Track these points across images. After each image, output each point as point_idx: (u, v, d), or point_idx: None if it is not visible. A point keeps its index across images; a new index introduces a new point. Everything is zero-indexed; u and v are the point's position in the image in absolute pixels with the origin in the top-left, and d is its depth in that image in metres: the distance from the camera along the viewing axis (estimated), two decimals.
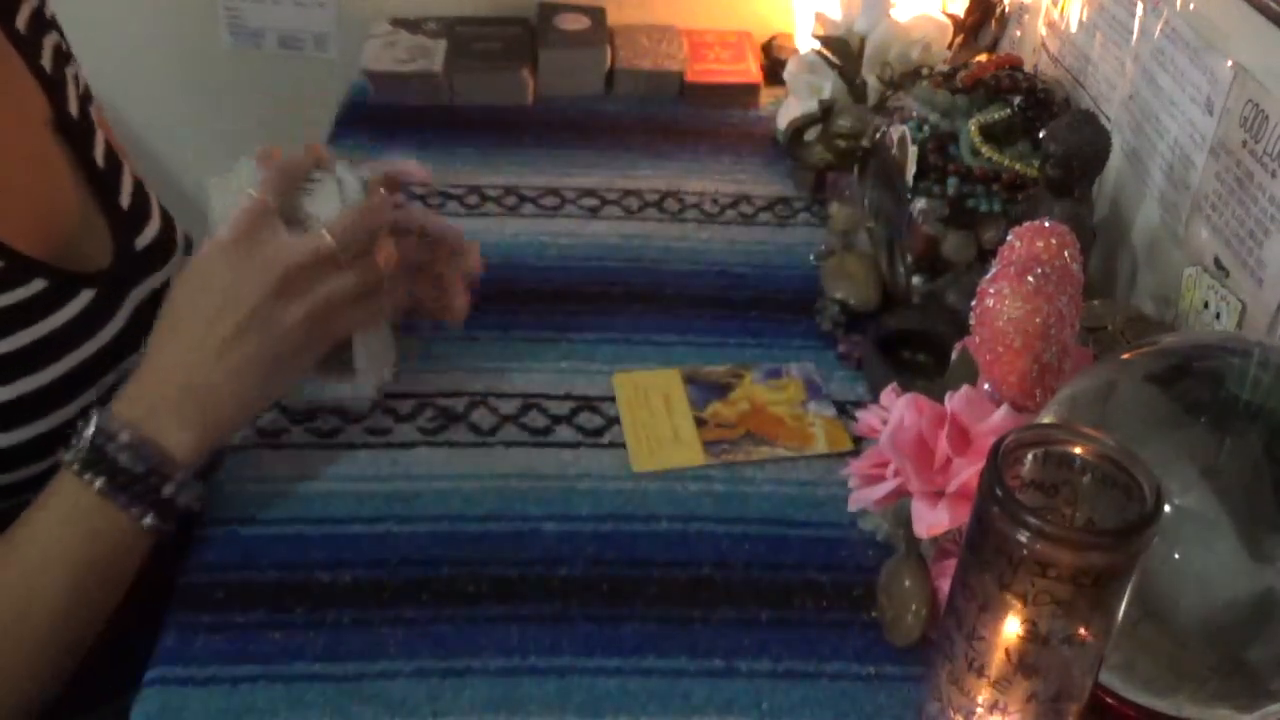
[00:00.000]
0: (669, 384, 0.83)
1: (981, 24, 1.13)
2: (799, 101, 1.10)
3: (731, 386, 0.83)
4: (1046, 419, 0.59)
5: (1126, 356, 0.61)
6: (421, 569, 0.68)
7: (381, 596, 0.66)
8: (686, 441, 0.78)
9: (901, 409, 0.62)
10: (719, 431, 0.79)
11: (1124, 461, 0.49)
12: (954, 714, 0.54)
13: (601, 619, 0.66)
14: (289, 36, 1.39)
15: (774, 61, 1.26)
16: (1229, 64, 0.73)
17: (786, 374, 0.84)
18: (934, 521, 0.60)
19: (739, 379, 0.84)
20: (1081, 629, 0.49)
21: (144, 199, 0.84)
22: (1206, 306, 0.74)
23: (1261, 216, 0.70)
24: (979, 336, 0.64)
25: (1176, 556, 0.53)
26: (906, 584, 0.64)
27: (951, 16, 1.12)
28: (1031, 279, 0.61)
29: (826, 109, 1.01)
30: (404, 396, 0.80)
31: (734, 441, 0.78)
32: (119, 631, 0.67)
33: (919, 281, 0.87)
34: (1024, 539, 0.47)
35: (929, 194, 0.86)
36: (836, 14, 1.11)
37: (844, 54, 1.07)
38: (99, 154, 0.82)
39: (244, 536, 0.70)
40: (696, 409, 0.81)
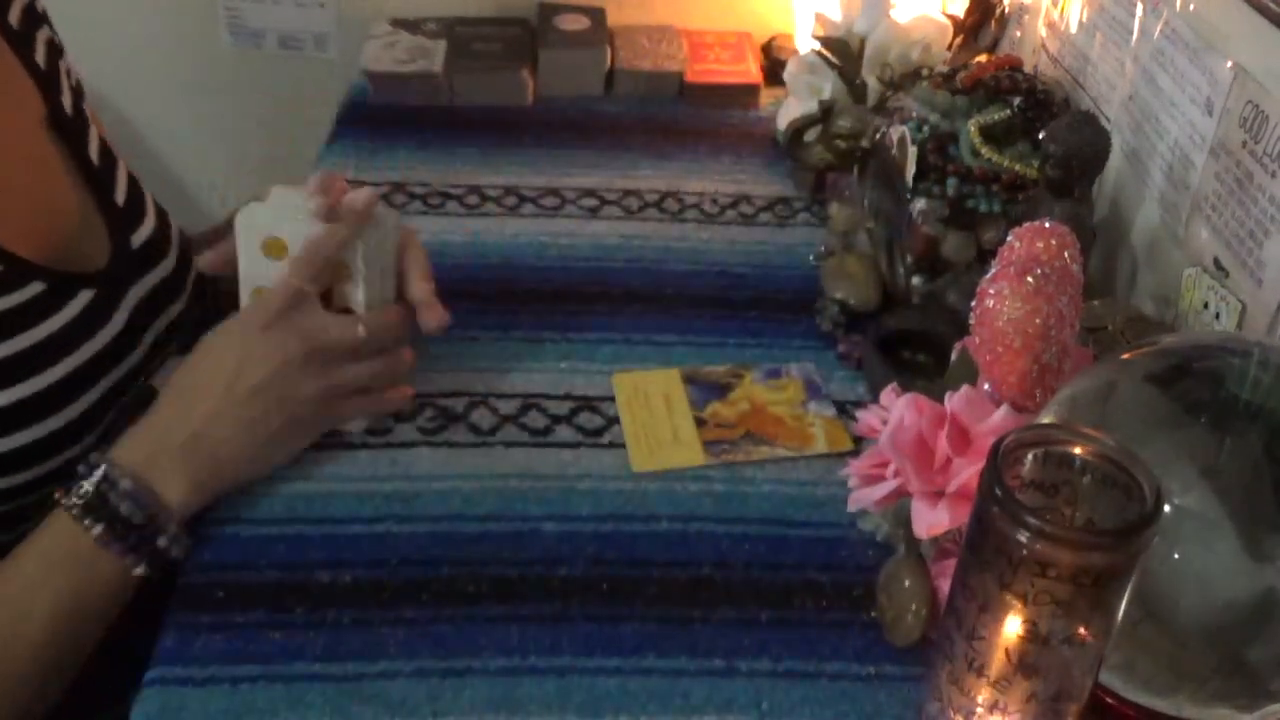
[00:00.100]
0: (669, 384, 0.83)
1: (981, 25, 1.13)
2: (799, 102, 1.10)
3: (731, 386, 0.83)
4: (1046, 419, 0.59)
5: (1126, 356, 0.61)
6: (421, 569, 0.68)
7: (381, 596, 0.66)
8: (686, 441, 0.78)
9: (901, 409, 0.62)
10: (719, 431, 0.79)
11: (1124, 461, 0.49)
12: (954, 714, 0.54)
13: (601, 619, 0.66)
14: (289, 36, 1.39)
15: (774, 62, 1.26)
16: (1229, 65, 0.73)
17: (786, 374, 0.84)
18: (934, 521, 0.60)
19: (739, 379, 0.84)
20: (1081, 629, 0.49)
21: (138, 195, 0.84)
22: (1206, 307, 0.74)
23: (1261, 217, 0.70)
24: (979, 336, 0.64)
25: (1176, 556, 0.53)
26: (906, 584, 0.64)
27: (951, 17, 1.12)
28: (1031, 279, 0.61)
29: (826, 109, 1.01)
30: None
31: (734, 441, 0.78)
32: (119, 632, 0.67)
33: (919, 281, 0.87)
34: (1024, 539, 0.47)
35: (929, 194, 0.86)
36: (836, 14, 1.11)
37: (844, 55, 1.07)
38: (94, 150, 0.81)
39: (244, 536, 0.70)
40: (696, 409, 0.81)
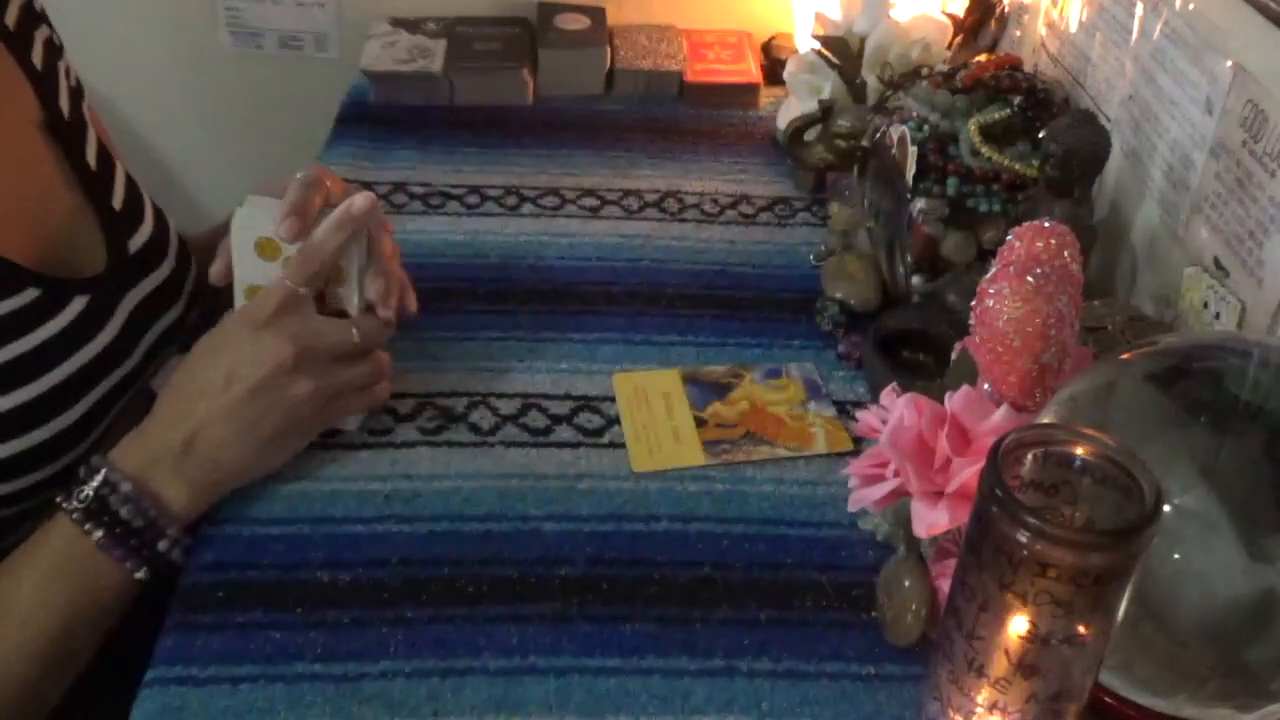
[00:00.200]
0: (669, 384, 0.83)
1: (981, 24, 1.13)
2: (799, 101, 1.10)
3: (731, 386, 0.83)
4: (1046, 419, 0.59)
5: (1126, 356, 0.61)
6: (421, 569, 0.68)
7: (381, 596, 0.66)
8: (686, 441, 0.78)
9: (901, 409, 0.62)
10: (719, 431, 0.79)
11: (1124, 461, 0.49)
12: (954, 714, 0.54)
13: (601, 619, 0.66)
14: (289, 36, 1.39)
15: (774, 61, 1.26)
16: (1229, 64, 0.73)
17: (786, 374, 0.84)
18: (934, 521, 0.60)
19: (739, 379, 0.84)
20: (1081, 629, 0.49)
21: (137, 198, 0.83)
22: (1206, 306, 0.74)
23: (1261, 216, 0.70)
24: (979, 336, 0.64)
25: (1176, 556, 0.53)
26: (906, 584, 0.64)
27: (951, 16, 1.12)
28: (1031, 279, 0.61)
29: (826, 109, 1.01)
30: (404, 396, 0.80)
31: (734, 441, 0.78)
32: (119, 632, 0.67)
33: (919, 281, 0.87)
34: (1024, 539, 0.47)
35: (929, 194, 0.86)
36: (836, 14, 1.11)
37: (844, 54, 1.07)
38: (91, 154, 0.80)
39: (244, 536, 0.70)
40: (696, 409, 0.81)
